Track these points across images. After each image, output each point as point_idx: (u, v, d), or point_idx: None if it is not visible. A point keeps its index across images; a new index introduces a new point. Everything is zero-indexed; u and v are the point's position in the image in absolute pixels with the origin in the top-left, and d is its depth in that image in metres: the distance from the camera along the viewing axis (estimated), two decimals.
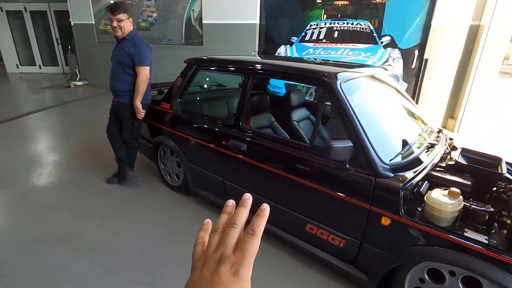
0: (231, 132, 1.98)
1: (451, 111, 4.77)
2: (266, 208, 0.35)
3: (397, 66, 4.74)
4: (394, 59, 4.73)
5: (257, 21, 5.37)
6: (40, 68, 9.34)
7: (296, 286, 1.69)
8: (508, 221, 1.28)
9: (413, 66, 4.63)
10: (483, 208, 1.29)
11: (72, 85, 7.33)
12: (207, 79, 3.25)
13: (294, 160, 1.68)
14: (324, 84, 1.58)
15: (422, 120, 1.98)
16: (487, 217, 1.28)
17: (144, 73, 2.36)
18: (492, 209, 1.31)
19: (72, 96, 6.32)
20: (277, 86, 4.91)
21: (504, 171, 1.52)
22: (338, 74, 1.59)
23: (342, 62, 2.72)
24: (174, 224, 2.21)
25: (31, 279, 1.67)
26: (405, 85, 4.76)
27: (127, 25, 2.37)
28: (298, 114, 2.45)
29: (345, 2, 4.96)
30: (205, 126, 2.20)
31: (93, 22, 7.11)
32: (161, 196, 2.57)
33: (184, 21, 6.14)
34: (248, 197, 0.37)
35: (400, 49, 4.65)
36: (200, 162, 2.27)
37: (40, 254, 1.85)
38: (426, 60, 4.47)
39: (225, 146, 1.98)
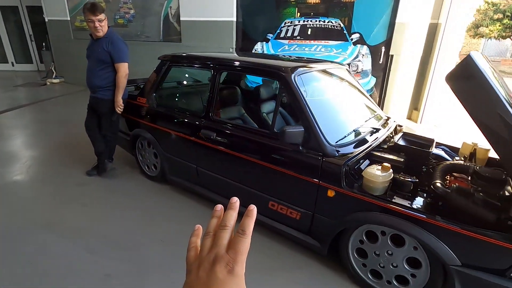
0: (202, 123, 2.17)
1: (415, 103, 5.13)
2: (253, 209, 0.37)
3: (366, 62, 5.04)
4: (363, 55, 5.02)
5: (234, 19, 5.51)
6: (13, 65, 9.07)
7: (261, 257, 1.90)
8: (430, 190, 1.54)
9: (380, 62, 4.94)
10: (409, 179, 1.55)
11: (48, 83, 7.21)
12: (186, 75, 3.41)
13: (257, 145, 1.90)
14: (280, 77, 1.80)
15: (371, 109, 2.24)
16: (412, 187, 1.55)
17: (124, 69, 2.48)
18: (416, 180, 1.58)
19: (49, 94, 6.25)
20: (255, 82, 5.10)
21: (432, 149, 1.81)
22: (292, 69, 1.81)
23: (305, 58, 2.95)
24: (152, 209, 2.38)
25: (15, 259, 1.80)
26: (374, 79, 5.08)
27: (106, 24, 2.47)
28: (267, 107, 2.67)
29: (317, 1, 5.20)
30: (178, 118, 2.37)
31: (69, 19, 7.02)
32: (140, 185, 2.72)
33: (161, 18, 6.20)
34: (235, 201, 0.39)
35: (368, 46, 4.95)
36: (175, 152, 2.44)
37: (23, 239, 1.97)
38: (392, 56, 4.78)
39: (197, 136, 2.17)
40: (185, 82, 3.26)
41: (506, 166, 1.50)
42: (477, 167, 1.61)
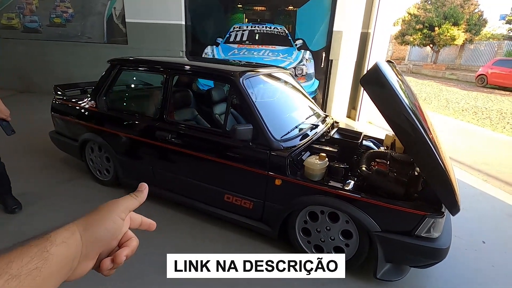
0: (157, 124, 2.24)
1: (353, 103, 5.73)
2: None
3: (310, 66, 5.48)
4: (307, 59, 5.46)
5: (183, 22, 5.53)
6: None
7: (221, 246, 2.05)
8: (357, 173, 1.86)
9: (322, 66, 5.42)
10: (341, 166, 1.85)
11: None
12: (134, 78, 3.39)
13: (210, 143, 2.05)
14: (229, 81, 1.99)
15: (311, 108, 2.55)
16: (343, 172, 1.85)
17: None
18: (347, 166, 1.89)
19: None
20: (207, 85, 5.21)
21: (360, 141, 2.16)
22: (241, 73, 2.01)
23: (254, 63, 3.17)
24: None
25: None
26: (317, 82, 5.55)
27: None
28: (219, 108, 2.83)
29: (263, 8, 5.50)
30: (132, 121, 2.40)
31: None
32: (92, 191, 2.66)
33: (105, 18, 5.95)
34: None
35: (311, 51, 5.39)
36: (130, 155, 2.46)
37: None
38: (332, 60, 5.28)
39: (152, 137, 2.24)
40: (135, 86, 3.25)
41: (409, 153, 1.87)
42: (393, 153, 1.98)
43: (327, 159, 1.82)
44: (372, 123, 5.61)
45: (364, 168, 1.80)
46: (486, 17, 18.04)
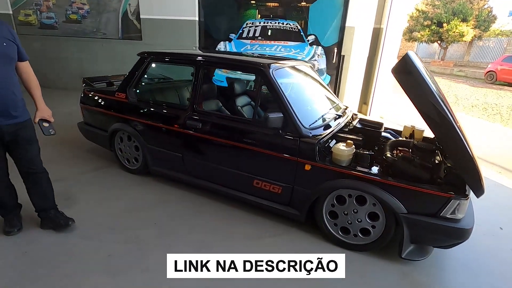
0: (187, 114, 2.35)
1: (364, 98, 5.79)
2: None
3: (322, 61, 5.54)
4: (319, 55, 5.52)
5: (196, 18, 5.62)
6: None
7: (247, 229, 2.16)
8: (382, 160, 1.95)
9: (334, 61, 5.48)
10: (366, 153, 1.95)
11: None
12: (154, 72, 3.50)
13: (240, 132, 2.16)
14: (260, 72, 2.09)
15: (332, 100, 2.64)
16: (369, 159, 1.94)
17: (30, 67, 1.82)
18: (372, 153, 1.98)
19: None
20: (219, 80, 5.31)
21: (382, 130, 2.25)
22: (270, 64, 2.11)
23: (274, 55, 3.26)
24: (138, 198, 2.48)
25: (11, 251, 1.83)
26: (328, 77, 5.61)
27: None
28: (241, 101, 2.93)
29: (276, 4, 5.57)
30: (162, 111, 2.51)
31: (11, 12, 6.46)
32: (121, 179, 2.79)
33: (120, 15, 6.07)
34: None
35: (323, 47, 5.45)
36: (159, 143, 2.57)
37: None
38: (343, 56, 5.34)
39: (183, 126, 2.35)
40: (159, 78, 3.37)
41: (438, 141, 1.96)
42: (415, 142, 2.08)
43: (354, 146, 1.92)
44: (383, 118, 5.67)
45: (389, 155, 1.89)
46: (495, 13, 17.84)
